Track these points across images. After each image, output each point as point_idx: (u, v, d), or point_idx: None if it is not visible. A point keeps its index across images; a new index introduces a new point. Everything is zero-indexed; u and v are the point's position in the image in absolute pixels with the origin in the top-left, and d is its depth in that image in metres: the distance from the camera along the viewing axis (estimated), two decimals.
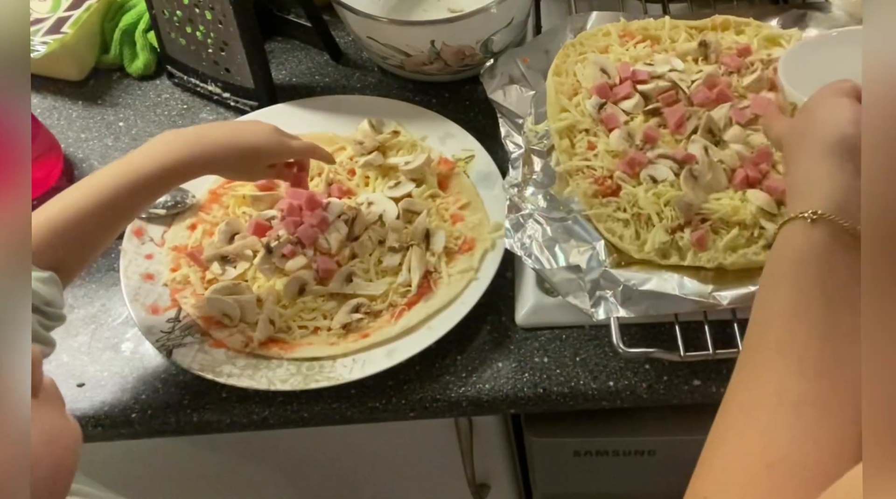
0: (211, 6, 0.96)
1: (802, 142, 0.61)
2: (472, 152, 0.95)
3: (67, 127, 1.05)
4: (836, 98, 0.61)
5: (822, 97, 0.62)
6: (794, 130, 0.63)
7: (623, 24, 0.96)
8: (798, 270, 0.55)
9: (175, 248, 0.90)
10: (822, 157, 0.58)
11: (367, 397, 0.81)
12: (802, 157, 0.60)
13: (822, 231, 0.55)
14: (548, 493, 1.07)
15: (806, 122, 0.62)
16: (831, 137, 0.58)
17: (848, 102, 0.60)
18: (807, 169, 0.59)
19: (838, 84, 0.63)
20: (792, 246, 0.56)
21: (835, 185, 0.57)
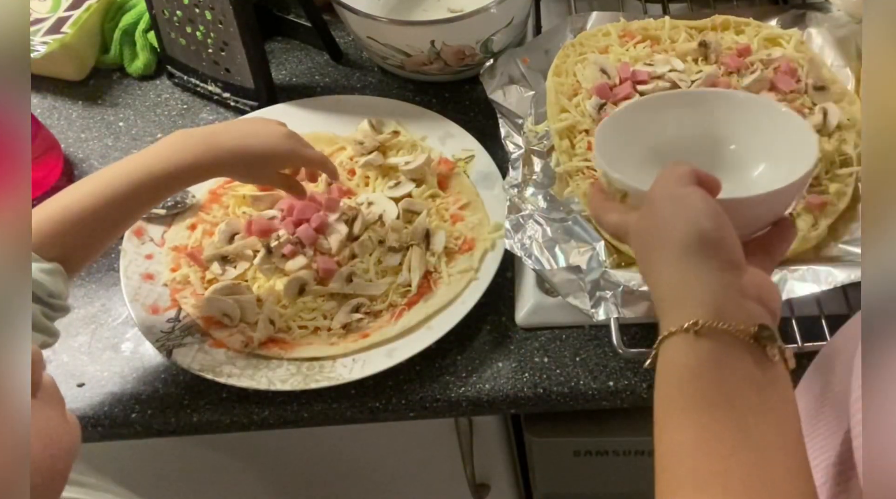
0: (211, 6, 0.96)
1: (655, 244, 0.56)
2: (472, 152, 0.95)
3: (67, 127, 1.05)
4: (679, 189, 0.56)
5: (665, 189, 0.57)
6: (642, 229, 0.58)
7: (623, 24, 0.96)
8: (693, 391, 0.50)
9: (175, 248, 0.90)
10: (682, 259, 0.54)
11: (367, 397, 0.81)
12: (660, 261, 0.55)
13: (706, 342, 0.51)
14: (548, 493, 1.07)
15: (654, 220, 0.57)
16: (688, 236, 0.54)
17: (695, 194, 0.55)
18: (670, 276, 0.54)
19: (677, 170, 0.58)
20: (679, 364, 0.51)
21: (706, 288, 0.52)
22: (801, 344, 0.77)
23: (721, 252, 0.53)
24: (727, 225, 0.54)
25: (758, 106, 0.69)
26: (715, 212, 0.54)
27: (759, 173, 0.68)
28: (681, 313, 0.52)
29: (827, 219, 0.79)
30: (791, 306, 0.79)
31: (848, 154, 0.83)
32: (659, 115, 0.71)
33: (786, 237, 0.62)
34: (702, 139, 0.70)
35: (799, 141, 0.64)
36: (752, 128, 0.69)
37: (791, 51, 0.91)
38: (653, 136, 0.70)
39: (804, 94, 0.87)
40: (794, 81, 0.87)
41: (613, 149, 0.67)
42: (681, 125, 0.70)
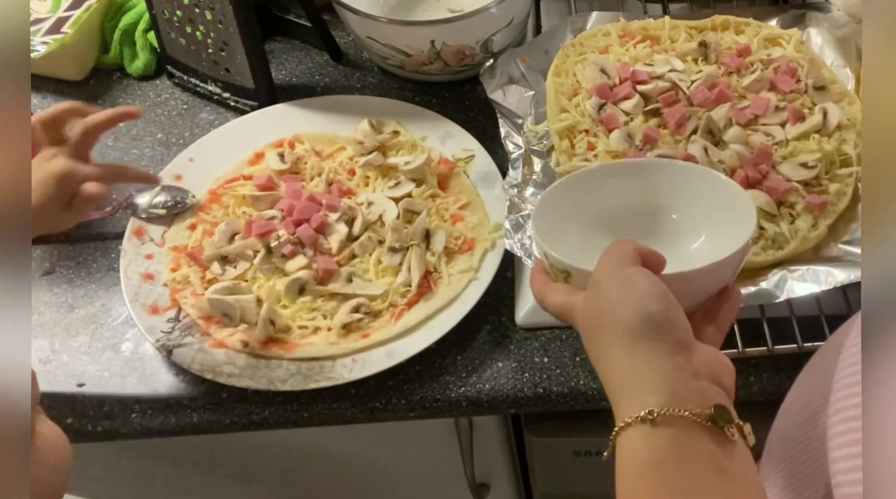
0: (211, 6, 0.96)
1: (602, 329, 0.55)
2: (472, 152, 0.95)
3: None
4: (623, 270, 0.55)
5: (609, 270, 0.56)
6: (588, 312, 0.57)
7: (623, 24, 0.96)
8: (656, 482, 0.49)
9: (175, 248, 0.90)
10: (631, 344, 0.53)
11: (367, 397, 0.81)
12: (608, 347, 0.54)
13: (664, 430, 0.49)
14: (548, 493, 1.07)
15: (599, 304, 0.55)
16: (635, 320, 0.53)
17: (639, 274, 0.55)
18: (619, 362, 0.53)
19: (620, 250, 0.57)
20: (638, 456, 0.50)
21: (658, 374, 0.51)
22: (801, 344, 0.77)
23: (670, 334, 0.52)
24: (674, 305, 0.54)
25: (697, 174, 0.69)
26: (661, 293, 0.54)
27: (700, 243, 0.67)
28: (634, 402, 0.51)
29: (827, 219, 0.79)
30: (791, 306, 0.79)
31: (848, 154, 0.83)
32: (598, 186, 0.70)
33: (732, 306, 0.61)
34: (644, 209, 0.69)
35: (739, 209, 0.64)
36: (692, 196, 0.68)
37: (791, 51, 0.91)
38: (593, 207, 0.69)
39: (804, 94, 0.87)
40: (794, 81, 0.87)
41: (553, 225, 0.66)
42: (622, 195, 0.70)
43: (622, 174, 0.70)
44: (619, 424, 0.51)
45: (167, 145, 1.02)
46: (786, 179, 0.81)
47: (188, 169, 0.96)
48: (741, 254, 0.60)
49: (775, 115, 0.86)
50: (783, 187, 0.79)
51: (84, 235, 0.95)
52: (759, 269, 0.77)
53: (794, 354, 0.77)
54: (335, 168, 0.94)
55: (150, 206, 0.92)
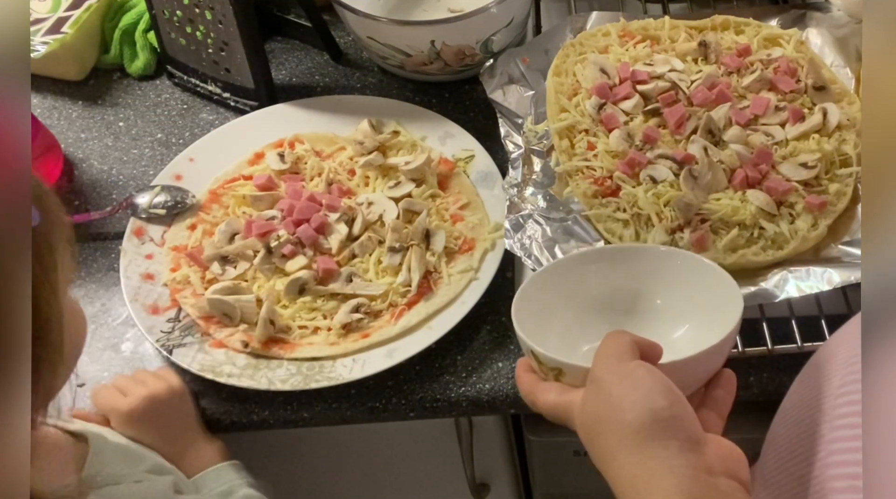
0: (211, 6, 0.96)
1: (608, 430, 0.52)
2: (472, 152, 0.95)
3: (67, 127, 1.05)
4: (624, 365, 0.53)
5: (609, 367, 0.54)
6: (590, 413, 0.54)
7: (623, 24, 0.96)
8: None
9: (175, 248, 0.90)
10: (640, 444, 0.50)
11: (367, 397, 0.81)
12: (616, 449, 0.52)
13: None
14: (548, 493, 1.07)
15: (602, 404, 0.53)
16: (642, 419, 0.50)
17: (641, 369, 0.53)
18: (630, 465, 0.51)
19: (617, 343, 0.55)
20: None
21: (672, 474, 0.49)
22: (800, 344, 0.77)
23: (680, 431, 0.51)
24: (680, 400, 0.52)
25: (680, 259, 0.68)
26: (666, 388, 0.52)
27: (686, 329, 0.66)
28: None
29: (826, 219, 0.79)
30: (791, 306, 0.79)
31: (848, 154, 0.83)
32: (580, 274, 0.68)
33: (729, 390, 0.60)
34: (627, 295, 0.68)
35: (724, 291, 0.63)
36: (676, 281, 0.67)
37: (791, 51, 0.91)
38: (575, 296, 0.68)
39: (804, 94, 0.87)
40: (793, 81, 0.87)
41: (535, 318, 0.64)
42: (605, 281, 0.68)
43: (604, 260, 0.69)
44: None
45: (167, 145, 1.02)
46: (786, 178, 0.81)
47: (188, 169, 0.96)
48: (732, 336, 0.60)
49: (775, 116, 0.86)
50: (783, 187, 0.79)
51: (84, 235, 0.95)
52: (759, 269, 0.77)
53: (793, 354, 0.77)
54: (335, 168, 0.94)
55: (150, 206, 0.92)
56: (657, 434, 0.50)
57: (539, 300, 0.66)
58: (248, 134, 0.99)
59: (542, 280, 0.68)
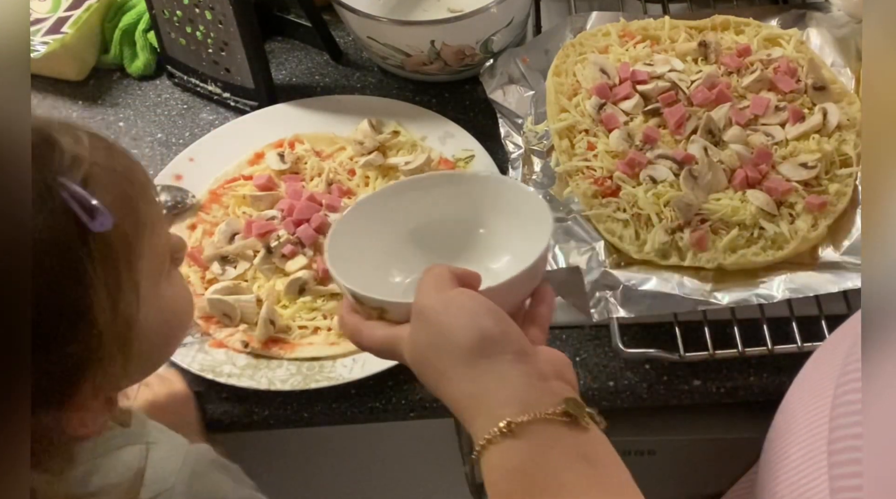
0: (211, 6, 0.96)
1: (439, 355, 0.54)
2: (472, 152, 0.95)
3: None
4: (445, 294, 0.55)
5: (432, 298, 0.55)
6: (418, 343, 0.56)
7: (623, 24, 0.96)
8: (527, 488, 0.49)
9: None
10: (472, 364, 0.52)
11: (367, 397, 0.81)
12: (450, 372, 0.53)
13: (523, 438, 0.50)
14: None
15: (430, 332, 0.55)
16: (471, 340, 0.53)
17: (462, 295, 0.55)
18: (465, 383, 0.53)
19: (435, 275, 0.56)
20: (505, 468, 0.50)
21: (506, 385, 0.52)
22: (800, 344, 0.77)
23: (508, 345, 0.53)
24: (505, 318, 0.54)
25: (499, 186, 0.68)
26: (490, 309, 0.54)
27: (508, 260, 0.67)
28: (488, 419, 0.51)
29: (826, 219, 0.79)
30: (791, 306, 0.79)
31: (848, 154, 0.83)
32: (395, 205, 0.67)
33: (549, 305, 0.62)
34: (448, 225, 0.68)
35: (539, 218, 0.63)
36: (497, 210, 0.67)
37: (791, 51, 0.91)
38: (391, 229, 0.67)
39: (804, 95, 0.87)
40: (793, 81, 0.87)
41: (351, 258, 0.63)
42: (423, 211, 0.68)
43: (421, 189, 0.68)
44: (480, 443, 0.51)
45: (167, 145, 1.02)
46: (785, 179, 0.81)
47: (188, 169, 0.96)
48: (542, 262, 0.61)
49: (775, 116, 0.86)
50: (783, 187, 0.79)
51: None
52: (758, 269, 0.77)
53: (793, 354, 0.77)
54: (335, 168, 0.94)
55: None
56: (487, 351, 0.53)
57: (353, 237, 0.66)
58: (248, 134, 0.99)
59: (354, 216, 0.67)
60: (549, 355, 0.56)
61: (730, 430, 0.87)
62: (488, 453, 0.51)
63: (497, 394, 0.52)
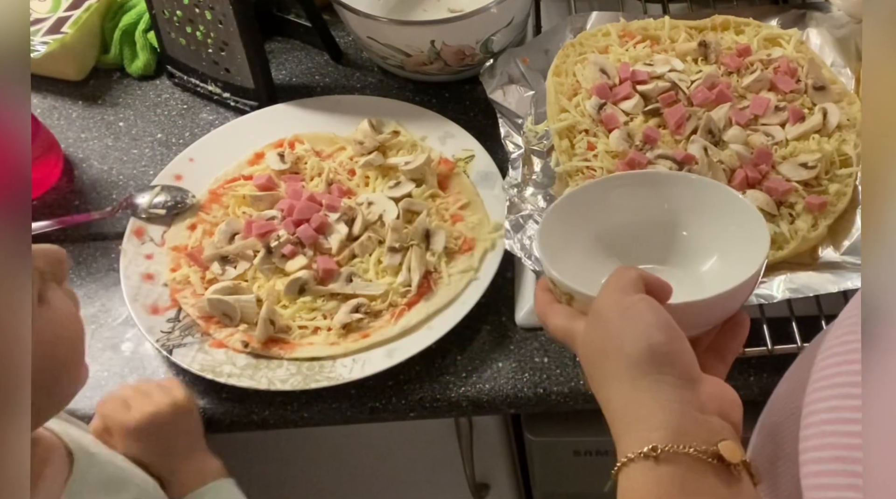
0: (211, 6, 0.96)
1: (604, 359, 0.53)
2: (472, 152, 0.95)
3: (67, 127, 1.06)
4: (627, 298, 0.54)
5: (612, 300, 0.54)
6: (590, 341, 0.55)
7: (623, 24, 0.96)
8: None
9: (175, 248, 0.90)
10: (634, 377, 0.51)
11: (367, 397, 0.81)
12: (611, 378, 0.52)
13: (667, 467, 0.47)
14: (548, 493, 1.07)
15: (601, 333, 0.54)
16: (638, 352, 0.51)
17: (643, 303, 0.53)
18: (622, 395, 0.51)
19: (624, 277, 0.55)
20: (640, 494, 0.48)
21: (661, 408, 0.50)
22: (800, 344, 0.77)
23: (675, 367, 0.51)
24: (679, 337, 0.52)
25: (710, 190, 0.66)
26: (666, 324, 0.52)
27: (712, 264, 0.65)
28: (637, 437, 0.49)
29: (826, 219, 0.79)
30: (791, 306, 0.79)
31: (848, 154, 0.83)
32: (606, 199, 0.67)
33: (738, 335, 0.59)
34: (653, 224, 0.67)
35: (752, 231, 0.62)
36: (704, 213, 0.66)
37: (791, 51, 0.91)
38: (600, 221, 0.67)
39: (804, 95, 0.87)
40: (793, 82, 0.87)
41: (558, 241, 0.64)
42: (631, 208, 0.67)
43: (632, 186, 0.68)
44: (622, 459, 0.49)
45: (167, 145, 1.02)
46: (785, 179, 0.81)
47: (188, 169, 0.96)
48: (751, 283, 0.58)
49: (775, 116, 0.86)
50: (783, 187, 0.79)
51: (84, 235, 0.95)
52: None
53: (793, 354, 0.77)
54: (335, 168, 0.94)
55: (150, 206, 0.92)
56: (652, 369, 0.51)
57: (564, 223, 0.66)
58: (248, 134, 0.99)
59: (567, 204, 0.67)
60: (717, 389, 0.53)
61: None
62: (628, 472, 0.49)
63: (650, 415, 0.50)
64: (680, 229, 0.67)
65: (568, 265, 0.62)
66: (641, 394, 0.51)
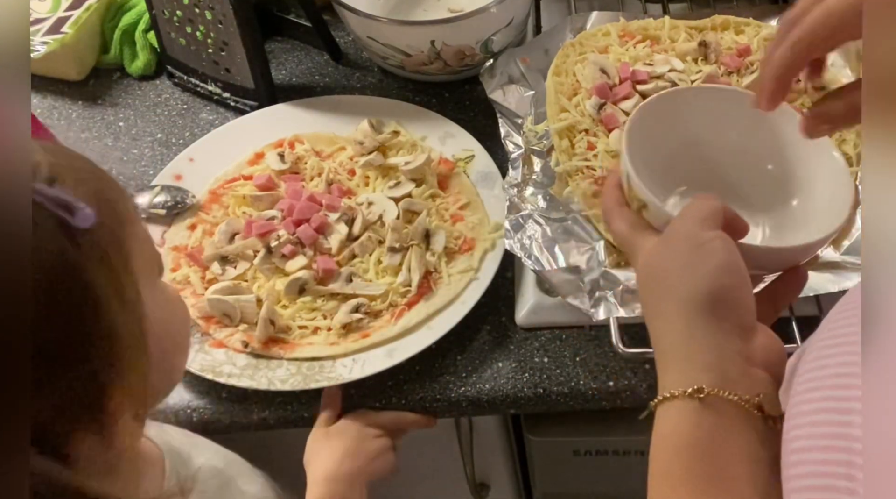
0: (211, 6, 0.96)
1: (666, 289, 0.52)
2: (472, 152, 0.95)
3: (67, 127, 1.06)
4: (703, 233, 0.52)
5: (688, 229, 0.52)
6: (653, 266, 0.53)
7: (623, 24, 0.96)
8: (692, 465, 0.47)
9: (175, 248, 0.90)
10: (692, 314, 0.50)
11: (367, 397, 0.81)
12: (667, 311, 0.51)
13: (710, 411, 0.48)
14: (548, 493, 1.07)
15: (668, 262, 0.52)
16: (701, 292, 0.50)
17: (718, 242, 0.51)
18: (677, 329, 0.50)
19: (704, 207, 0.53)
20: (679, 431, 0.48)
21: (714, 352, 0.49)
22: (800, 344, 0.77)
23: (734, 314, 0.50)
24: (745, 283, 0.51)
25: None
26: (736, 267, 0.51)
27: (790, 207, 0.62)
28: (684, 376, 0.49)
29: None
30: (791, 306, 0.79)
31: (848, 154, 0.82)
32: (699, 109, 0.63)
33: (795, 288, 0.59)
34: (739, 149, 0.63)
35: (836, 188, 0.60)
36: (796, 156, 0.62)
37: None
38: (688, 132, 0.64)
39: (804, 94, 0.87)
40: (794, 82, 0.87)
41: (643, 143, 0.60)
42: (721, 127, 0.64)
43: (730, 102, 0.63)
44: (664, 394, 0.49)
45: (167, 145, 1.02)
46: None
47: (188, 169, 0.96)
48: (825, 240, 0.57)
49: None
50: None
51: None
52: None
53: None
54: (335, 168, 0.94)
55: (150, 206, 0.92)
56: (713, 311, 0.50)
57: (655, 122, 0.63)
58: (248, 134, 0.99)
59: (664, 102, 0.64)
60: (767, 342, 0.52)
61: None
62: (667, 408, 0.49)
63: (702, 356, 0.49)
64: (766, 161, 0.64)
65: (645, 173, 0.58)
66: (696, 333, 0.50)
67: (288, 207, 0.89)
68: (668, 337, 0.51)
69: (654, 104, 0.65)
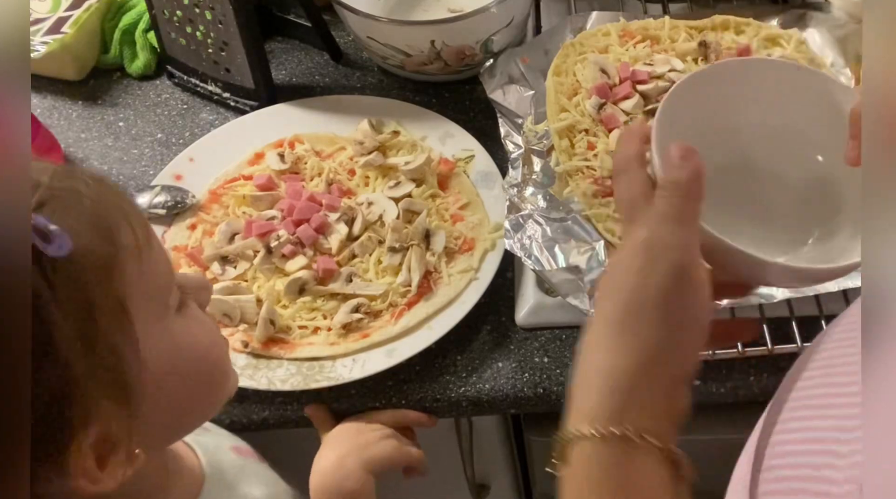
0: (211, 6, 0.96)
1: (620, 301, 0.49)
2: (472, 152, 0.95)
3: (67, 127, 1.06)
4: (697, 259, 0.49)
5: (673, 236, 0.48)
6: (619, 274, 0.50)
7: (623, 24, 0.96)
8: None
9: (175, 248, 0.90)
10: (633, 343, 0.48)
11: (367, 397, 0.81)
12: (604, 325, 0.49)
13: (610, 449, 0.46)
14: (548, 493, 1.07)
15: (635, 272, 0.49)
16: (660, 323, 0.48)
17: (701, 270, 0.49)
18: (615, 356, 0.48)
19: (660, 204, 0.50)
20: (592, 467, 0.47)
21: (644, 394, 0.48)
22: (800, 344, 0.77)
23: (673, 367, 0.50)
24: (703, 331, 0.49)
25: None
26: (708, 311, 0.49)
27: (838, 217, 0.56)
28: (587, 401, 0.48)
29: None
30: (791, 306, 0.79)
31: None
32: (749, 86, 0.57)
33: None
34: (786, 134, 0.57)
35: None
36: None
37: (791, 51, 0.91)
38: (731, 112, 0.58)
39: None
40: None
41: (681, 117, 0.54)
42: (769, 108, 0.58)
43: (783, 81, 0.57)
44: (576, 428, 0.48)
45: (167, 145, 1.02)
46: None
47: (188, 169, 0.96)
48: (842, 271, 0.52)
49: None
50: None
51: None
52: None
53: (794, 354, 0.77)
54: (335, 168, 0.94)
55: (150, 206, 0.92)
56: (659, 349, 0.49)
57: (697, 98, 0.57)
58: (248, 134, 0.99)
59: (709, 76, 0.58)
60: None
61: (730, 430, 0.87)
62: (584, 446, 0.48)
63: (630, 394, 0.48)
64: (815, 151, 0.58)
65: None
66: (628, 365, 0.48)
67: (288, 207, 0.89)
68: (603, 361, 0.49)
69: (710, 71, 0.59)
